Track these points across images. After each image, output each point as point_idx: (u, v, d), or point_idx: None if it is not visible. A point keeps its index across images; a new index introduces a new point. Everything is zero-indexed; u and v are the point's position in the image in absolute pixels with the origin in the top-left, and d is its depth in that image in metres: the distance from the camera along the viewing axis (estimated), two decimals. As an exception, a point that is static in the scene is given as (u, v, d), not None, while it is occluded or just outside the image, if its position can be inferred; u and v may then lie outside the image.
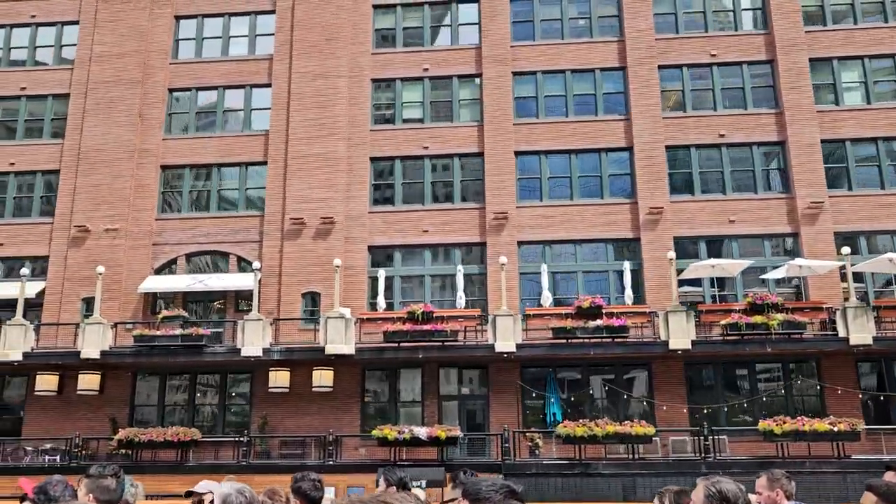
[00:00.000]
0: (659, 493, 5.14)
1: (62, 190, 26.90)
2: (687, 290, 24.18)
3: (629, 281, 23.45)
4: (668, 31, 27.04)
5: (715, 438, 20.91)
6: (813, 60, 26.01)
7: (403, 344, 22.51)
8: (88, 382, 23.63)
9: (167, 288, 25.44)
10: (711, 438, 20.80)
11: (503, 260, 23.03)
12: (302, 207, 25.71)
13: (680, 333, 21.72)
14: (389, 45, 28.03)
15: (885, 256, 21.92)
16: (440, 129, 26.67)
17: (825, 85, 26.08)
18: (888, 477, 5.27)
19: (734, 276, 23.66)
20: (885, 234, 24.49)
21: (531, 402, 23.68)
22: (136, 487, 6.91)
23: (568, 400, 23.42)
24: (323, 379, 23.04)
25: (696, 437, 21.19)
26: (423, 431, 21.11)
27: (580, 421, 21.05)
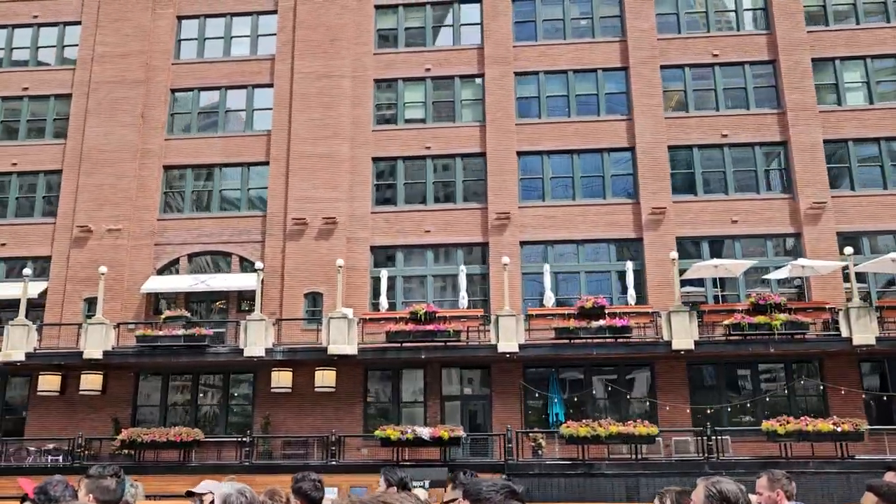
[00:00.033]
0: (659, 493, 5.14)
1: (64, 190, 26.91)
2: (689, 290, 24.18)
3: (632, 281, 23.44)
4: (670, 31, 27.04)
5: (718, 439, 20.91)
6: (815, 60, 26.01)
7: (406, 344, 22.51)
8: (91, 383, 23.62)
9: (169, 288, 25.45)
10: (715, 439, 20.80)
11: (506, 260, 23.03)
12: (304, 207, 25.71)
13: (683, 334, 21.72)
14: (391, 45, 28.02)
15: (887, 256, 21.90)
16: (442, 129, 26.67)
17: (827, 85, 26.07)
18: (888, 477, 5.27)
19: (737, 276, 23.66)
20: (887, 234, 24.48)
21: (534, 402, 23.68)
22: (135, 488, 6.91)
23: (570, 400, 23.41)
24: (325, 379, 23.03)
25: (699, 437, 21.20)
26: (426, 432, 21.09)
27: (583, 421, 21.03)
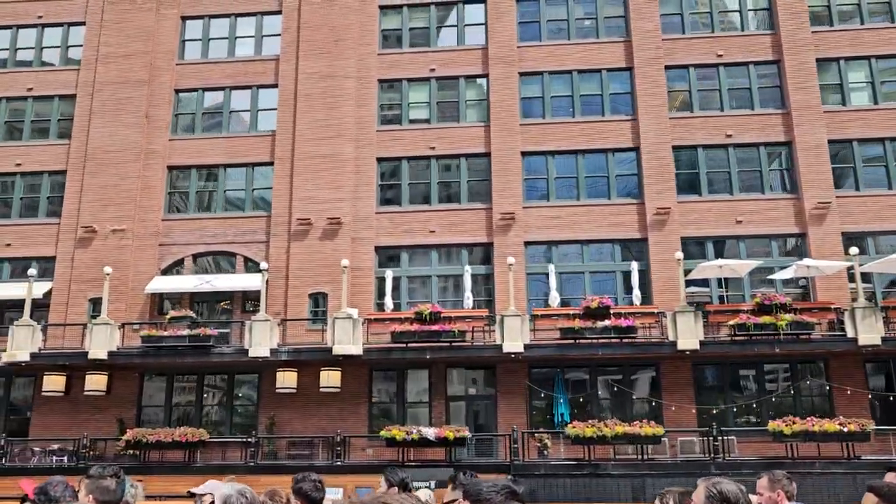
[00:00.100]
0: (660, 493, 5.12)
1: (69, 190, 26.91)
2: (694, 290, 24.16)
3: (637, 281, 23.41)
4: (674, 31, 27.04)
5: (724, 439, 20.88)
6: (820, 61, 26.00)
7: (411, 344, 22.51)
8: (96, 383, 23.62)
9: (174, 288, 25.44)
10: (720, 439, 20.77)
11: (511, 260, 23.02)
12: (309, 208, 25.71)
13: (688, 334, 21.70)
14: (396, 45, 28.02)
15: (892, 256, 21.88)
16: (447, 129, 26.67)
17: (832, 85, 26.06)
18: (889, 478, 5.26)
19: (741, 276, 23.64)
20: (892, 234, 24.45)
21: (539, 402, 23.66)
22: (135, 488, 6.92)
23: (576, 400, 23.39)
24: (330, 379, 23.03)
25: (704, 437, 21.18)
26: (431, 432, 21.07)
27: (589, 422, 21.00)
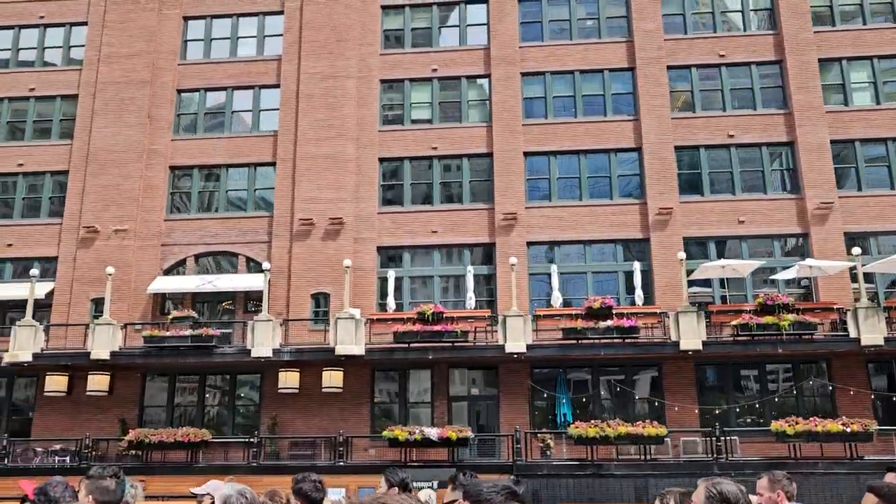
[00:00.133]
0: (660, 494, 5.12)
1: (71, 191, 26.91)
2: (696, 290, 24.15)
3: (639, 281, 23.40)
4: (676, 31, 27.03)
5: (726, 439, 20.88)
6: (822, 61, 26.00)
7: (413, 344, 22.50)
8: (98, 383, 23.61)
9: (176, 289, 25.44)
10: (723, 439, 20.77)
11: (513, 260, 23.02)
12: (311, 208, 25.71)
13: (690, 334, 21.69)
14: (398, 45, 28.02)
15: (895, 257, 21.87)
16: (449, 129, 26.67)
17: (834, 85, 26.06)
18: (889, 478, 5.25)
19: (744, 276, 23.63)
20: (894, 234, 24.43)
21: (541, 402, 23.66)
22: (135, 489, 6.93)
23: (578, 400, 23.39)
24: (333, 379, 23.01)
25: (707, 437, 21.16)
26: (434, 432, 21.06)
27: (592, 422, 21.00)
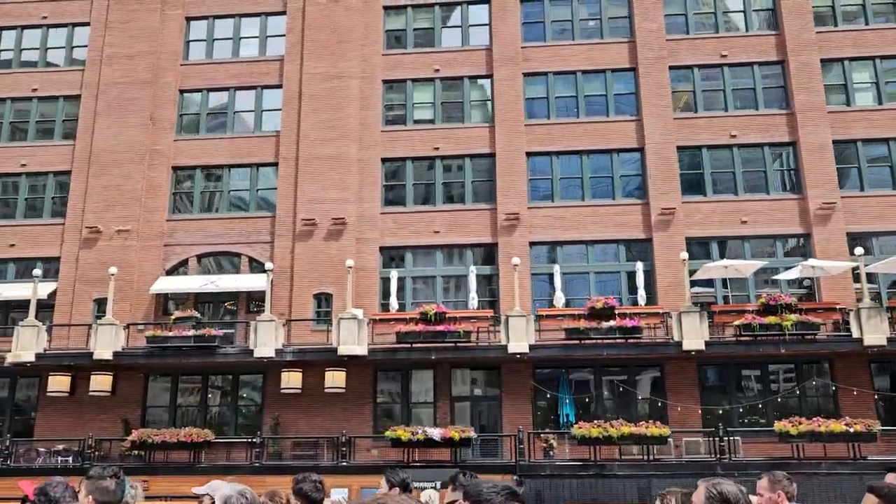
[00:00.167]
0: (661, 494, 5.13)
1: (73, 191, 26.92)
2: (698, 290, 24.14)
3: (642, 282, 23.41)
4: (678, 31, 27.03)
5: (729, 439, 20.87)
6: (824, 61, 25.99)
7: (416, 345, 22.50)
8: (101, 383, 23.61)
9: (179, 289, 25.45)
10: (726, 439, 20.76)
11: (516, 261, 23.01)
12: (313, 208, 25.72)
13: (693, 334, 21.68)
14: (400, 45, 28.03)
15: (898, 257, 21.91)
16: (451, 129, 26.67)
17: (836, 85, 26.05)
18: (889, 478, 5.26)
19: (746, 276, 23.63)
20: (897, 234, 24.47)
21: (543, 402, 23.66)
22: (135, 489, 6.95)
23: (581, 401, 23.39)
24: (335, 380, 23.00)
25: (710, 438, 21.16)
26: (436, 432, 21.06)
27: (595, 422, 21.00)
